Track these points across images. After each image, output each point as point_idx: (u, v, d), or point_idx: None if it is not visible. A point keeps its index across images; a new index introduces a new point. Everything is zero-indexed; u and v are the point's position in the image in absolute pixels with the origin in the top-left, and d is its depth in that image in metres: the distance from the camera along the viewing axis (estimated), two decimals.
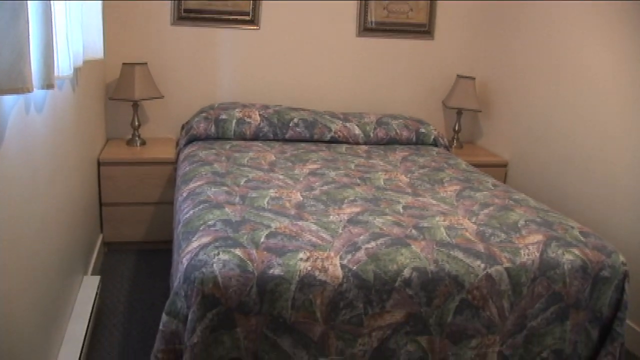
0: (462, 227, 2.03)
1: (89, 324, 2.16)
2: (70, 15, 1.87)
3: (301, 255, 1.72)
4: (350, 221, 2.01)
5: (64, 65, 1.78)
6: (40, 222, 1.69)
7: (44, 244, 1.74)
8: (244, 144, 3.10)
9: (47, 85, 1.45)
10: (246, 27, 3.47)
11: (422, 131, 3.43)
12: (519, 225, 2.08)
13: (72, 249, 2.23)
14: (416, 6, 3.65)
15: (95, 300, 2.33)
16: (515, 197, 2.43)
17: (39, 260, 1.68)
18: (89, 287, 2.40)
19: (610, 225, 2.67)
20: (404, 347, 1.76)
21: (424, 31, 3.71)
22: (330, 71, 3.66)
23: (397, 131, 3.38)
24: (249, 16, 3.45)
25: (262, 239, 1.79)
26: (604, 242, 2.02)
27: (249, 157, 2.81)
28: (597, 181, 2.77)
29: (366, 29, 3.63)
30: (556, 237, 1.99)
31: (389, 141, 3.37)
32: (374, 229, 1.94)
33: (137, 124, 3.30)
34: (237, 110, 3.27)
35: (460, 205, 2.28)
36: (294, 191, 2.31)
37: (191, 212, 2.02)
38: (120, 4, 3.27)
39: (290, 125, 3.25)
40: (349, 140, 3.31)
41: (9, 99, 1.37)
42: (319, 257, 1.72)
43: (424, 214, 2.13)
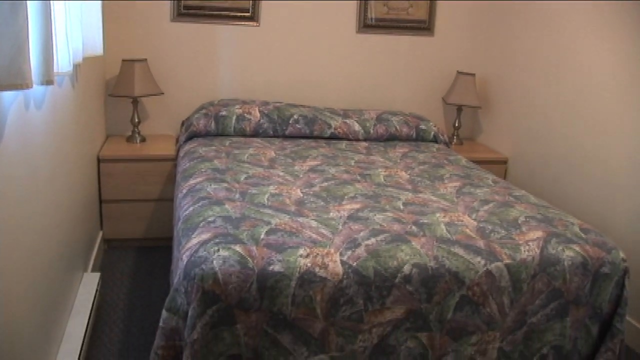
0: (462, 223, 2.03)
1: (89, 321, 2.16)
2: (69, 11, 1.86)
3: (301, 251, 1.72)
4: (350, 217, 2.01)
5: (64, 61, 1.78)
6: (40, 219, 1.69)
7: (43, 240, 1.74)
8: (244, 140, 3.10)
9: (47, 81, 1.45)
10: (246, 23, 3.46)
11: (422, 128, 3.43)
12: (519, 221, 2.08)
13: (72, 245, 2.23)
14: (416, 3, 3.64)
15: (95, 297, 2.33)
16: (515, 193, 2.43)
17: (39, 257, 1.68)
18: (89, 284, 2.40)
19: (610, 221, 2.67)
20: (404, 344, 1.76)
21: (424, 27, 3.71)
22: (330, 67, 3.66)
23: (397, 127, 3.38)
24: (248, 13, 3.44)
25: (262, 236, 1.79)
26: (604, 239, 2.02)
27: (249, 153, 2.81)
28: (597, 177, 2.77)
29: (366, 25, 3.62)
30: (556, 234, 1.99)
31: (389, 137, 3.37)
32: (374, 226, 1.94)
33: (137, 120, 3.29)
34: (237, 106, 3.27)
35: (460, 201, 2.28)
36: (294, 188, 2.31)
37: (191, 209, 2.02)
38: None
39: (290, 121, 3.25)
40: (349, 136, 3.31)
41: (9, 95, 1.36)
42: (319, 254, 1.72)
43: (424, 211, 2.13)
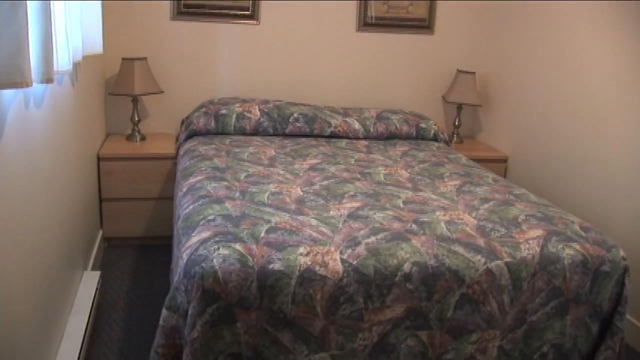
0: (462, 221, 2.03)
1: (89, 319, 2.16)
2: (69, 9, 1.86)
3: (301, 250, 1.71)
4: (350, 216, 2.00)
5: (63, 60, 1.78)
6: (39, 218, 1.69)
7: (43, 239, 1.74)
8: (244, 138, 3.10)
9: (47, 79, 1.45)
10: (246, 22, 3.46)
11: (422, 126, 3.43)
12: (520, 220, 2.08)
13: (72, 244, 2.23)
14: (416, 1, 3.64)
15: (95, 295, 2.33)
16: (515, 192, 2.43)
17: (39, 255, 1.68)
18: (89, 282, 2.40)
19: (610, 219, 2.67)
20: (404, 342, 1.76)
21: (424, 26, 3.70)
22: (330, 66, 3.65)
23: (397, 126, 3.38)
24: (248, 11, 3.44)
25: (262, 234, 1.79)
26: (605, 237, 2.01)
27: (249, 152, 2.81)
28: (597, 176, 2.77)
29: (366, 23, 3.62)
30: (556, 232, 1.99)
31: (389, 136, 3.37)
32: (374, 224, 1.94)
33: (136, 119, 3.29)
34: (237, 105, 3.27)
35: (460, 200, 2.28)
36: (294, 186, 2.31)
37: (191, 207, 2.02)
38: None
39: (290, 120, 3.25)
40: (349, 135, 3.31)
41: (8, 94, 1.36)
42: (319, 252, 1.72)
43: (424, 209, 2.13)
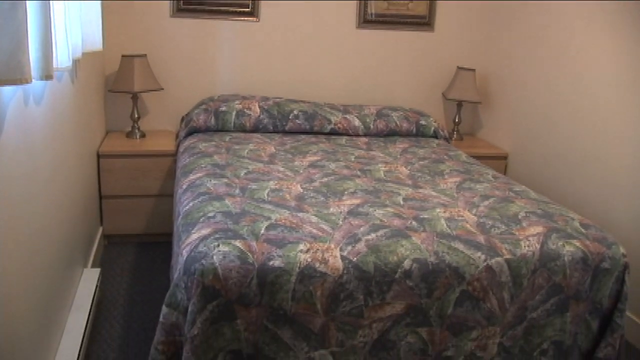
0: (462, 218, 2.03)
1: (89, 316, 2.16)
2: (69, 6, 1.86)
3: (301, 246, 1.71)
4: (350, 213, 2.00)
5: (63, 56, 1.77)
6: (39, 215, 1.69)
7: (43, 236, 1.74)
8: (244, 135, 3.10)
9: (46, 76, 1.44)
10: (246, 19, 3.45)
11: (422, 123, 3.43)
12: (520, 217, 2.08)
13: (72, 241, 2.23)
14: None
15: (95, 292, 2.33)
16: (515, 189, 2.43)
17: (39, 253, 1.68)
18: (89, 279, 2.40)
19: (610, 216, 2.67)
20: (404, 339, 1.76)
21: (424, 23, 3.70)
22: (330, 63, 3.65)
23: (397, 123, 3.37)
24: (248, 8, 3.43)
25: (262, 231, 1.79)
26: (605, 234, 2.01)
27: (248, 149, 2.81)
28: (597, 173, 2.76)
29: (366, 20, 3.61)
30: (557, 229, 1.99)
31: (389, 133, 3.37)
32: (374, 221, 1.94)
33: (136, 116, 3.29)
34: (237, 102, 3.26)
35: (460, 196, 2.28)
36: (294, 183, 2.31)
37: (191, 204, 2.02)
38: None
39: (290, 117, 3.25)
40: (349, 132, 3.31)
41: (8, 90, 1.36)
42: (319, 249, 1.72)
43: (424, 206, 2.13)
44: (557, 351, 1.93)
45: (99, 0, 2.50)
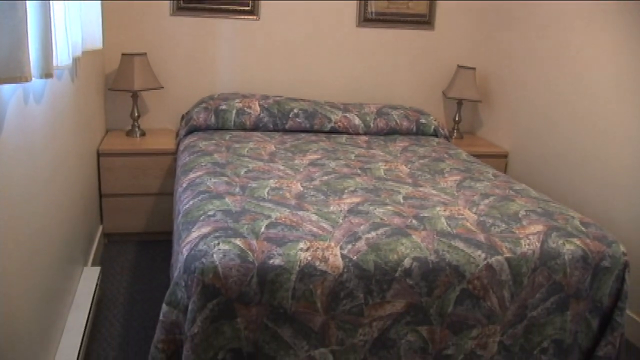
0: (462, 217, 2.03)
1: (89, 315, 2.16)
2: (69, 4, 1.85)
3: (301, 245, 1.71)
4: (350, 211, 2.00)
5: (63, 55, 1.77)
6: (40, 213, 1.69)
7: (43, 235, 1.74)
8: (244, 134, 3.10)
9: (46, 74, 1.44)
10: (246, 17, 3.45)
11: (423, 121, 3.43)
12: (520, 215, 2.08)
13: (72, 240, 2.23)
14: None
15: (95, 291, 2.33)
16: (515, 187, 2.43)
17: (39, 251, 1.68)
18: (89, 278, 2.40)
19: (610, 215, 2.67)
20: (404, 337, 1.76)
21: (425, 21, 3.69)
22: (330, 61, 3.65)
23: (398, 121, 3.37)
24: (248, 7, 3.43)
25: (263, 229, 1.79)
26: (605, 232, 2.01)
27: (249, 147, 2.81)
28: (597, 171, 2.76)
29: (366, 19, 3.61)
30: (557, 227, 1.99)
31: (389, 131, 3.37)
32: (375, 219, 1.94)
33: (136, 114, 3.29)
34: (237, 100, 3.26)
35: (460, 195, 2.28)
36: (294, 181, 2.31)
37: (191, 203, 2.02)
38: None
39: (290, 115, 3.24)
40: (349, 130, 3.31)
41: (8, 89, 1.36)
42: (319, 247, 1.72)
43: (424, 204, 2.13)
44: (558, 350, 1.93)
45: None
